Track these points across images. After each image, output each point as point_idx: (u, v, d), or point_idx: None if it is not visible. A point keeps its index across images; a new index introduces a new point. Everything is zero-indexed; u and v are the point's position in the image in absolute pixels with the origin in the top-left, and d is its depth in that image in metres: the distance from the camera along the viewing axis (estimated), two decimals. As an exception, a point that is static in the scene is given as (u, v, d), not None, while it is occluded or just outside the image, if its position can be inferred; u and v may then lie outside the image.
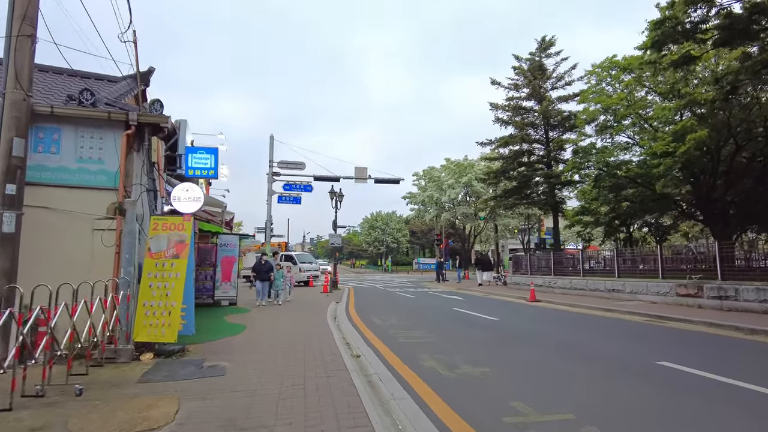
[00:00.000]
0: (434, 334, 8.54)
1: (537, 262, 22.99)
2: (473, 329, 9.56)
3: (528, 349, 7.33)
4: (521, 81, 28.91)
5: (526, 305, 15.66)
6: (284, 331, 8.96)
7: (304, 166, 25.44)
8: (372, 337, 8.10)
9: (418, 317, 11.60)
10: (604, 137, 25.10)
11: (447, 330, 9.30)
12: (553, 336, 8.70)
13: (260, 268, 14.10)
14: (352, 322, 10.27)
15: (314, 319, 10.51)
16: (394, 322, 10.44)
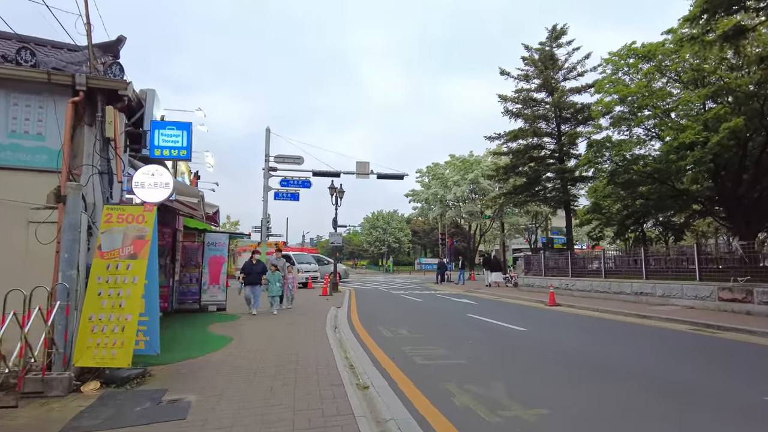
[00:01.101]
0: (457, 352, 7.02)
1: (552, 263, 21.48)
2: (501, 343, 8.07)
3: (582, 374, 5.82)
4: (532, 71, 27.41)
5: (547, 310, 14.16)
6: (276, 345, 7.46)
7: (302, 160, 23.98)
8: (382, 356, 6.59)
9: (431, 327, 10.10)
10: (621, 130, 23.62)
11: (470, 345, 7.79)
12: (601, 353, 7.20)
13: (251, 269, 11.67)
14: (355, 333, 8.76)
15: (312, 330, 9.00)
16: (404, 333, 8.94)
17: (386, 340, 8.01)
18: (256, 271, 11.75)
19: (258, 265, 11.90)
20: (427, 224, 72.97)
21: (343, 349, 7.03)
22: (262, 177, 23.64)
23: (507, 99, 27.57)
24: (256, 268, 11.80)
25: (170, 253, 11.21)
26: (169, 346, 7.46)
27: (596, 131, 24.08)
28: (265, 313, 11.86)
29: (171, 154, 6.47)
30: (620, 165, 24.66)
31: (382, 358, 6.40)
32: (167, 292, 11.02)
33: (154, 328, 5.81)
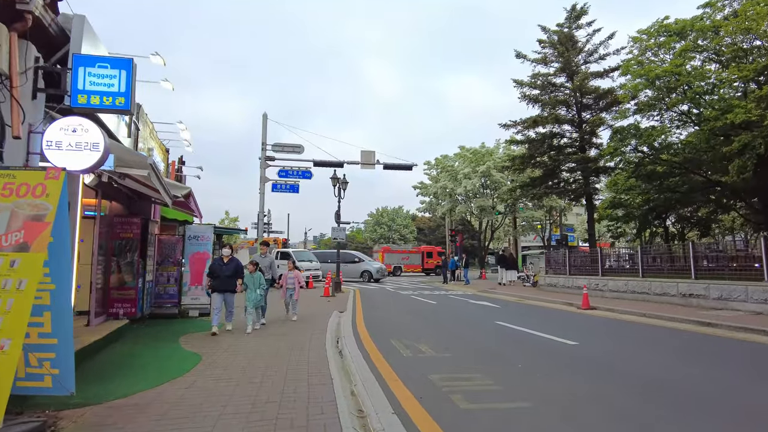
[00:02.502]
0: (509, 385, 4.98)
1: (579, 260, 19.47)
2: (559, 367, 6.09)
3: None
4: (550, 54, 25.33)
5: (584, 316, 12.18)
6: (257, 371, 5.53)
7: (302, 149, 22.09)
8: (404, 393, 4.58)
9: (458, 340, 8.11)
10: (651, 115, 21.55)
11: (521, 371, 5.81)
12: (712, 386, 5.23)
13: (219, 270, 8.42)
14: (364, 351, 6.79)
15: (307, 347, 7.04)
16: (426, 350, 6.96)
17: (405, 363, 6.04)
18: (226, 274, 8.41)
19: (230, 265, 8.53)
20: (432, 221, 70.95)
21: (349, 380, 5.07)
22: (258, 167, 21.77)
23: (523, 84, 25.51)
24: (226, 269, 8.47)
25: (139, 248, 9.30)
26: (112, 371, 5.54)
27: (622, 117, 22.02)
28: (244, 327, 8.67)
29: (103, 103, 4.54)
30: (648, 154, 22.70)
31: (406, 397, 4.43)
32: (135, 295, 9.11)
33: (65, 355, 3.88)
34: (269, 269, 10.20)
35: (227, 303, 8.53)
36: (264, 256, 10.39)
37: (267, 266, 10.15)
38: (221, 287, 8.40)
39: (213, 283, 8.46)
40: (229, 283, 8.44)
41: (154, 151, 9.59)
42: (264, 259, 10.22)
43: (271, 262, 10.52)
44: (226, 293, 8.46)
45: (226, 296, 8.48)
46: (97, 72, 4.50)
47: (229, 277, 8.44)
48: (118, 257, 9.11)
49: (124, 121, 7.13)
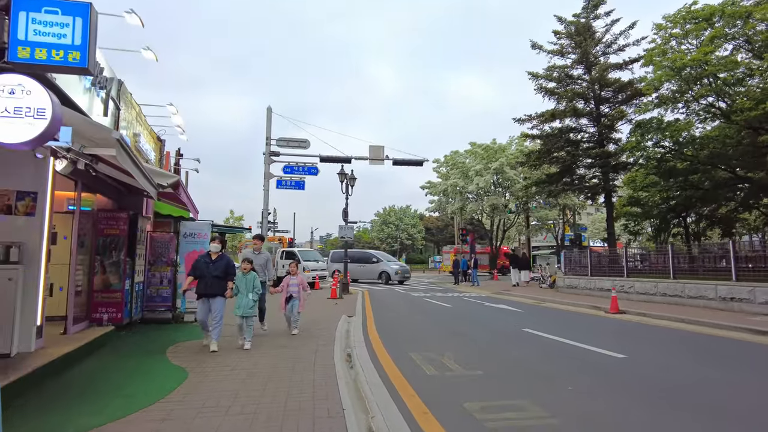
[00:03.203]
0: (563, 414, 3.98)
1: (604, 261, 18.35)
2: (611, 386, 5.05)
3: None
4: (567, 45, 24.18)
5: (615, 321, 11.08)
6: (251, 394, 4.54)
7: (308, 143, 21.11)
8: (434, 426, 3.61)
9: (487, 352, 7.04)
10: (676, 107, 20.37)
11: (572, 394, 4.76)
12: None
13: (205, 269, 6.75)
14: (379, 367, 5.76)
15: (312, 361, 6.04)
16: (453, 366, 5.91)
17: (432, 385, 5.00)
18: (214, 274, 6.68)
19: (219, 263, 6.79)
20: (440, 221, 69.83)
21: (364, 409, 4.05)
22: (262, 162, 20.81)
23: (539, 76, 24.36)
24: (213, 268, 6.71)
25: (126, 246, 8.34)
26: (72, 395, 4.57)
27: (645, 110, 20.80)
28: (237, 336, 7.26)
29: (51, 58, 3.56)
30: (671, 149, 21.55)
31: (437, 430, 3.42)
32: (121, 298, 8.15)
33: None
34: (264, 269, 8.31)
35: (214, 311, 6.66)
36: (258, 253, 8.42)
37: (262, 265, 8.25)
38: (207, 290, 6.64)
39: (198, 285, 6.73)
40: (218, 285, 6.66)
41: (142, 138, 8.61)
42: (258, 257, 8.29)
43: (266, 260, 8.55)
44: (213, 298, 6.65)
45: (214, 302, 6.66)
46: (43, 19, 3.53)
47: (218, 278, 6.66)
48: (102, 256, 8.16)
49: (99, 96, 6.14)
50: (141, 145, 8.30)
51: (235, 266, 7.13)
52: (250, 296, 7.02)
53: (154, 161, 9.39)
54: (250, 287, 7.09)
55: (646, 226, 31.33)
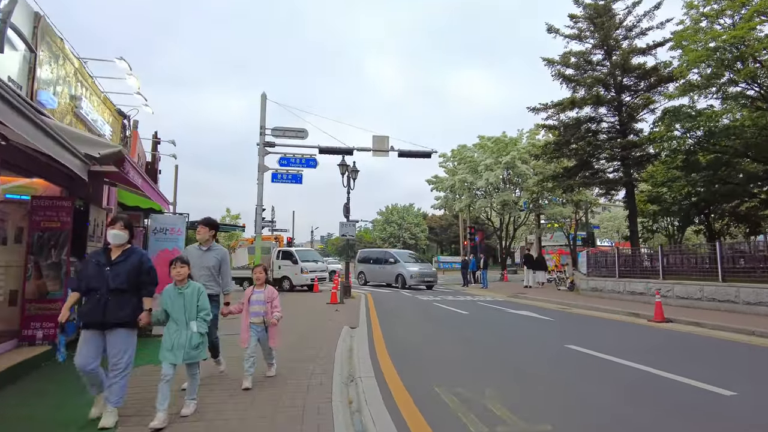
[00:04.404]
0: None
1: (628, 261, 16.57)
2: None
3: None
4: (586, 28, 22.39)
5: (669, 333, 9.29)
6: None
7: (306, 133, 19.25)
8: None
9: (544, 388, 5.22)
10: (710, 93, 18.60)
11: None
12: None
13: (98, 275, 3.73)
14: (398, 416, 4.00)
15: (299, 410, 4.26)
16: (512, 419, 4.09)
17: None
18: (112, 286, 3.69)
19: (123, 265, 3.79)
20: (443, 219, 68.04)
21: None
22: (257, 154, 19.04)
23: (554, 62, 22.58)
24: (111, 275, 3.73)
25: (71, 243, 6.57)
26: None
27: (675, 96, 18.99)
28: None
29: None
30: (703, 140, 19.80)
31: None
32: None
33: None
34: (214, 275, 5.09)
35: (114, 354, 3.69)
36: (205, 249, 5.15)
37: (210, 268, 5.06)
38: (99, 316, 3.64)
39: (82, 307, 3.86)
40: (120, 306, 3.70)
41: (85, 104, 6.81)
42: (205, 255, 5.09)
43: (219, 261, 5.17)
44: (111, 331, 3.70)
45: (112, 338, 3.70)
46: None
47: (120, 294, 3.72)
48: (37, 256, 6.40)
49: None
50: (83, 112, 6.55)
51: (150, 273, 3.93)
52: (193, 327, 3.92)
53: (109, 137, 7.63)
54: (192, 310, 3.97)
55: (662, 224, 29.64)
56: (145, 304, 3.90)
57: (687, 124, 19.22)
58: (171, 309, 3.98)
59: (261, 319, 4.95)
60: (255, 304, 4.99)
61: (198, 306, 4.04)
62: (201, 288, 4.16)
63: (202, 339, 4.04)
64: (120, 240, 3.86)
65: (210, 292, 4.71)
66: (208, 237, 5.24)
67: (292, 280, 20.14)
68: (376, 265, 23.88)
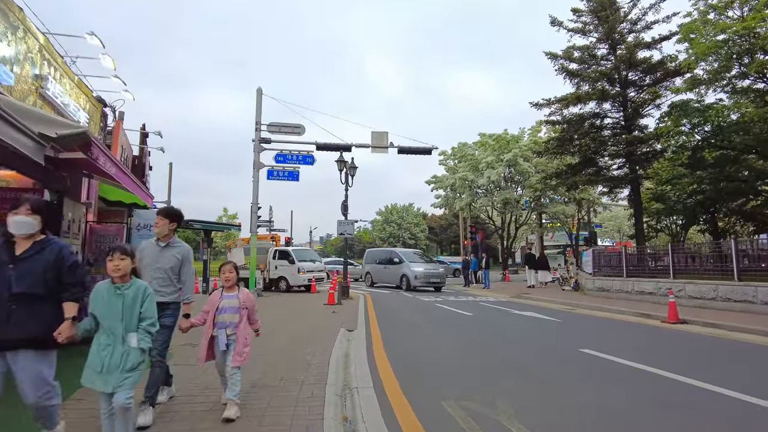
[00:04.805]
0: None
1: (636, 260, 16.03)
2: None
3: None
4: (590, 21, 21.86)
5: (685, 335, 8.73)
6: None
7: (303, 129, 18.70)
8: None
9: (565, 400, 4.63)
10: (718, 87, 18.11)
11: None
12: None
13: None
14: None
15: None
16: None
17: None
18: (15, 290, 2.77)
19: (32, 262, 2.87)
20: (443, 219, 67.50)
21: None
22: (252, 151, 18.47)
23: (557, 57, 22.05)
24: (15, 275, 2.80)
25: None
26: None
27: (683, 90, 18.45)
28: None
29: None
30: (711, 135, 19.30)
31: None
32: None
33: None
34: (171, 278, 4.02)
35: (26, 379, 2.79)
36: (163, 245, 4.10)
37: (167, 270, 4.00)
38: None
39: None
40: (28, 316, 2.79)
41: (52, 85, 6.21)
42: (162, 253, 4.05)
43: (180, 260, 4.08)
44: (15, 353, 2.79)
45: (18, 360, 2.79)
46: None
47: (30, 300, 2.82)
48: (2, 254, 5.81)
49: None
50: (49, 93, 5.96)
51: (78, 263, 3.18)
52: (132, 340, 2.85)
53: (83, 124, 7.07)
54: (132, 318, 2.91)
55: (665, 222, 29.15)
56: (67, 311, 2.87)
57: (695, 119, 18.72)
58: (103, 315, 2.83)
59: (231, 331, 3.87)
60: (225, 311, 3.91)
61: (141, 313, 2.91)
62: (147, 289, 3.01)
63: (143, 358, 2.89)
64: (27, 229, 2.87)
65: (165, 299, 3.85)
66: (168, 231, 4.13)
67: (289, 281, 19.58)
68: (382, 265, 22.81)
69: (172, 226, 4.17)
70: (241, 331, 3.89)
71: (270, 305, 13.80)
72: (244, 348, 3.86)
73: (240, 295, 4.04)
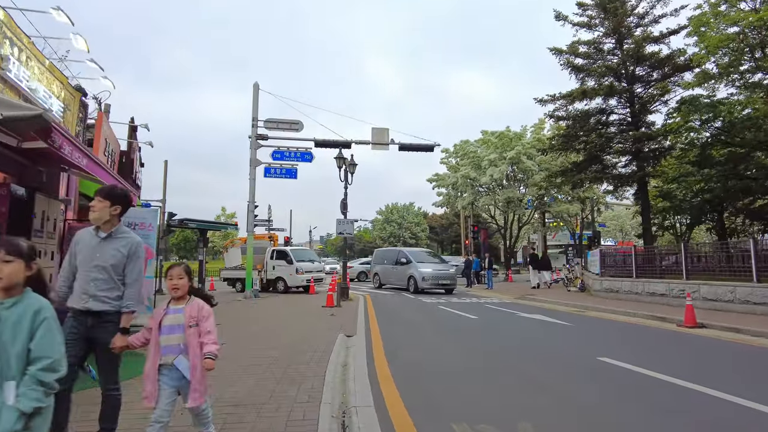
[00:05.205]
0: None
1: (644, 260, 15.46)
2: None
3: None
4: (596, 15, 21.29)
5: (708, 341, 8.17)
6: None
7: (301, 125, 18.20)
8: None
9: (596, 423, 4.14)
10: (733, 80, 17.56)
11: None
12: None
13: None
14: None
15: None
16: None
17: None
18: None
19: None
20: (444, 219, 66.94)
21: None
22: (249, 147, 17.94)
23: (562, 52, 21.49)
24: None
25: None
26: None
27: (695, 85, 17.87)
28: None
29: None
30: (722, 132, 18.78)
31: None
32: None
33: None
34: (119, 281, 3.10)
35: None
36: (105, 237, 3.14)
37: (111, 270, 3.07)
38: None
39: None
40: None
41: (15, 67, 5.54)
42: (102, 247, 3.10)
43: (127, 257, 3.12)
44: None
45: None
46: None
47: None
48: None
49: None
50: (12, 76, 5.37)
51: None
52: (9, 397, 1.78)
53: (59, 117, 6.43)
54: (8, 360, 1.83)
55: (670, 221, 28.62)
56: None
57: (705, 114, 18.18)
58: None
59: (177, 357, 2.81)
60: (167, 331, 2.84)
61: (31, 350, 1.86)
62: (43, 310, 1.92)
63: (20, 426, 1.76)
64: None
65: (105, 307, 3.00)
66: (109, 216, 3.10)
67: (286, 281, 19.03)
68: (390, 266, 21.50)
69: (114, 210, 3.14)
70: (194, 357, 2.82)
71: (266, 307, 13.26)
72: (201, 381, 2.81)
73: (187, 308, 2.88)
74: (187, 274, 2.94)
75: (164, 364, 2.80)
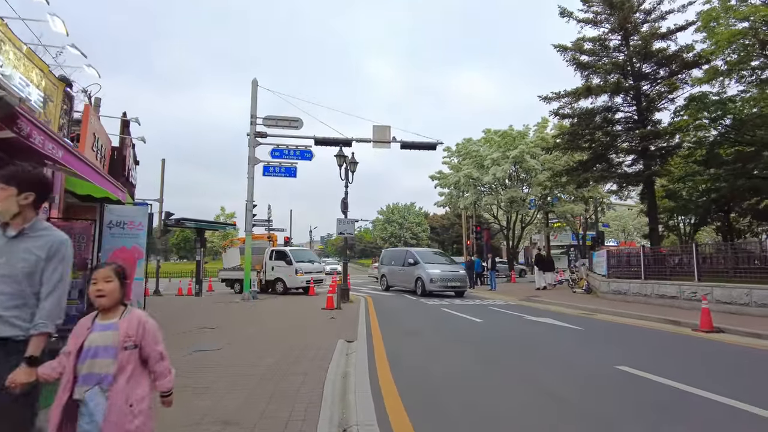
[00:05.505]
0: None
1: (653, 261, 15.02)
2: None
3: None
4: (601, 10, 20.86)
5: (729, 347, 7.72)
6: None
7: (300, 123, 17.81)
8: None
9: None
10: (743, 76, 17.11)
11: None
12: None
13: None
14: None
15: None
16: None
17: None
18: None
19: None
20: (445, 219, 66.50)
21: None
22: (247, 145, 17.52)
23: (568, 49, 21.05)
24: None
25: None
26: None
27: (704, 81, 17.44)
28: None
29: None
30: (731, 129, 18.37)
31: None
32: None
33: None
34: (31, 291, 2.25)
35: None
36: (15, 235, 2.26)
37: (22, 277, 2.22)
38: None
39: None
40: None
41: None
42: (12, 246, 2.25)
43: (45, 260, 2.25)
44: None
45: None
46: None
47: None
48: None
49: None
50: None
51: None
52: None
53: (40, 108, 6.02)
54: None
55: (674, 222, 28.20)
56: None
57: (715, 111, 17.76)
58: None
59: (91, 389, 2.02)
60: (93, 353, 2.07)
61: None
62: None
63: None
64: None
65: (12, 333, 2.19)
66: (17, 207, 2.23)
67: (286, 282, 18.60)
68: (397, 267, 20.54)
69: (24, 198, 2.25)
70: (119, 391, 2.02)
71: (264, 309, 12.85)
72: (133, 422, 2.00)
73: (123, 323, 2.12)
74: (118, 277, 2.15)
75: (81, 399, 2.01)
